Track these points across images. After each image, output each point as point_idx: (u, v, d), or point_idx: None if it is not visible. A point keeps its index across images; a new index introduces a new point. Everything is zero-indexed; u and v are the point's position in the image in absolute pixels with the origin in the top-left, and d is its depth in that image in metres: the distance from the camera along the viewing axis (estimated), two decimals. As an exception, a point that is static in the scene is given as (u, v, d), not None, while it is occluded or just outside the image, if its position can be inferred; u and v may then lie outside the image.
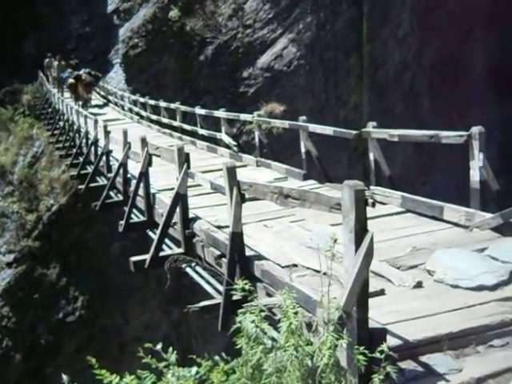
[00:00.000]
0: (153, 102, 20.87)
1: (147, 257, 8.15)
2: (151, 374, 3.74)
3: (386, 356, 3.47)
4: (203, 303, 6.38)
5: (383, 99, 24.94)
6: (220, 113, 15.28)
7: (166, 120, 19.53)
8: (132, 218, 10.48)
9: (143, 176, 9.78)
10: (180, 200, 7.94)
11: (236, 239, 6.07)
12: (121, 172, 11.71)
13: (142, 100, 21.87)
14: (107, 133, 13.70)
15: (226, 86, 23.68)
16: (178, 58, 24.52)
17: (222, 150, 14.56)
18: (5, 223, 21.41)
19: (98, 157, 14.26)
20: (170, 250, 8.26)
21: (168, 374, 3.74)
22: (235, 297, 5.28)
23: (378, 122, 8.80)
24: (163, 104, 20.05)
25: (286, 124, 12.16)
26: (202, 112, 17.04)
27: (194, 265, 7.51)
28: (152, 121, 20.74)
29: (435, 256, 5.62)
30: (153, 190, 10.01)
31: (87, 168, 15.95)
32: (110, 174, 13.18)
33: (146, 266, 8.13)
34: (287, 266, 5.87)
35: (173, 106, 19.24)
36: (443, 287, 5.15)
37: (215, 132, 15.75)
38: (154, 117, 20.58)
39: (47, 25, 28.92)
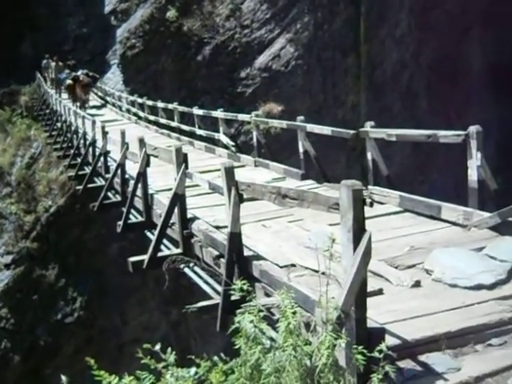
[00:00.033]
0: (150, 103, 20.87)
1: (145, 257, 8.12)
2: (150, 374, 3.74)
3: (384, 355, 3.47)
4: (202, 303, 6.37)
5: (381, 99, 24.96)
6: (218, 113, 15.27)
7: (163, 120, 19.51)
8: (130, 219, 10.46)
9: (141, 176, 9.77)
10: (178, 200, 7.93)
11: (234, 239, 6.07)
12: (119, 173, 11.69)
13: (140, 101, 21.86)
14: (105, 133, 13.71)
15: (223, 86, 23.68)
16: (176, 59, 24.52)
17: (220, 150, 14.55)
18: (3, 224, 21.38)
19: (96, 157, 14.25)
20: (168, 250, 8.24)
21: (167, 374, 3.74)
22: (234, 297, 5.27)
23: (376, 122, 8.79)
24: (161, 104, 20.04)
25: (284, 124, 12.16)
26: (200, 112, 17.04)
27: (192, 265, 7.51)
28: (150, 121, 20.72)
29: (433, 255, 5.62)
30: (151, 191, 10.00)
31: (85, 169, 15.95)
32: (107, 175, 13.18)
33: (145, 266, 8.11)
34: (285, 265, 5.87)
35: (171, 107, 19.22)
36: (441, 286, 5.15)
37: (213, 132, 15.74)
38: (152, 117, 20.56)
39: (44, 26, 28.90)
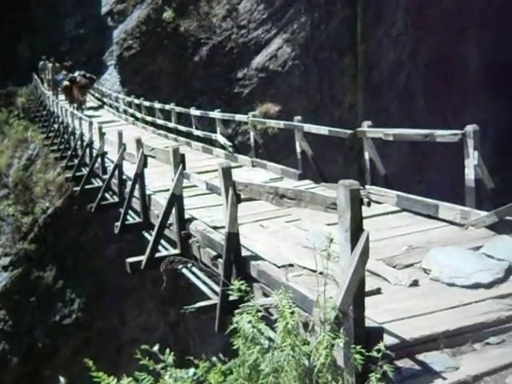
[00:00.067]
0: (148, 104, 20.84)
1: (143, 258, 8.12)
2: (148, 375, 3.74)
3: (382, 355, 3.48)
4: (200, 304, 6.36)
5: (378, 99, 24.98)
6: (215, 113, 15.26)
7: (161, 121, 19.49)
8: (128, 220, 10.45)
9: (139, 177, 9.76)
10: (176, 201, 7.92)
11: (232, 240, 6.07)
12: (116, 173, 11.68)
13: (137, 101, 21.81)
14: (102, 134, 13.68)
15: (220, 86, 23.68)
16: (173, 59, 24.51)
17: (217, 150, 14.54)
18: (0, 226, 21.37)
19: (93, 159, 14.24)
20: (166, 251, 8.23)
21: (165, 375, 3.74)
22: (232, 297, 5.28)
23: (373, 122, 8.79)
24: (158, 105, 20.03)
25: (281, 124, 12.15)
26: (197, 113, 17.03)
27: (190, 266, 7.50)
28: (147, 122, 20.70)
29: (431, 254, 5.62)
30: (148, 192, 9.99)
31: (82, 170, 15.93)
32: (105, 176, 13.16)
33: (142, 267, 8.11)
34: (283, 265, 5.86)
35: (168, 107, 19.21)
36: (439, 285, 5.16)
37: (210, 133, 15.73)
38: (149, 118, 20.54)
39: (41, 27, 28.88)
